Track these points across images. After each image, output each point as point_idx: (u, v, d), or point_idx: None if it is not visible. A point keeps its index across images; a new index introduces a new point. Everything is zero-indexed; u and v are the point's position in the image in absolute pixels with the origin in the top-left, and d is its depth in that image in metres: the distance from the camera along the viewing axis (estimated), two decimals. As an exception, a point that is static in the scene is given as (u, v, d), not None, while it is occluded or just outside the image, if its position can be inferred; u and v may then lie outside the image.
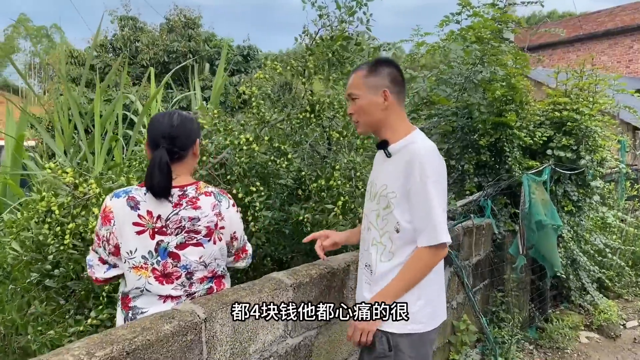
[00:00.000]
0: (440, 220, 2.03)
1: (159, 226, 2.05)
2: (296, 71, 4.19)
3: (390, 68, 2.21)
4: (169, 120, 2.12)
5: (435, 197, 2.02)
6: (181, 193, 2.09)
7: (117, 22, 16.58)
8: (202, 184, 2.22)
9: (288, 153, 3.76)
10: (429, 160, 2.04)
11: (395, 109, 2.18)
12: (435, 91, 4.67)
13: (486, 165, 5.04)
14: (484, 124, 4.63)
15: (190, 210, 2.08)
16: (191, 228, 2.08)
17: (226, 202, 2.25)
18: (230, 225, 2.25)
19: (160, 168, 2.01)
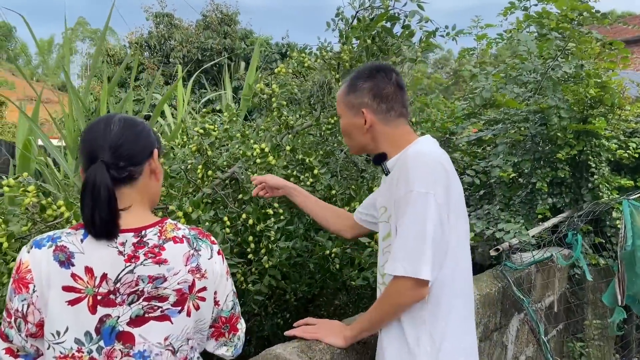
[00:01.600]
0: (422, 247, 1.58)
1: (103, 292, 1.37)
2: (329, 65, 3.44)
3: (372, 81, 1.82)
4: (105, 124, 1.47)
5: (419, 213, 1.59)
6: (137, 240, 1.42)
7: (152, 19, 16.27)
8: (169, 224, 1.50)
9: (314, 167, 3.00)
10: (417, 165, 1.64)
11: (382, 128, 1.82)
12: (502, 91, 3.80)
13: (563, 183, 4.15)
14: (564, 132, 3.73)
15: (152, 265, 1.40)
16: (153, 293, 1.40)
17: (207, 249, 1.53)
18: (214, 283, 1.51)
19: (95, 193, 1.35)
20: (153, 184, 1.52)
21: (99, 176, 1.34)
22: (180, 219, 2.58)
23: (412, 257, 1.57)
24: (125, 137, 1.42)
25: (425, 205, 1.57)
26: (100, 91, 11.93)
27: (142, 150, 1.46)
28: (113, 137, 1.41)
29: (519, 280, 3.27)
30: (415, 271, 1.56)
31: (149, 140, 1.48)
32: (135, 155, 1.43)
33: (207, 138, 3.05)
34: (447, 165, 1.69)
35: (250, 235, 2.88)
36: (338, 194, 3.12)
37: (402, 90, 1.82)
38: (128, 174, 1.42)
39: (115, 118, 1.46)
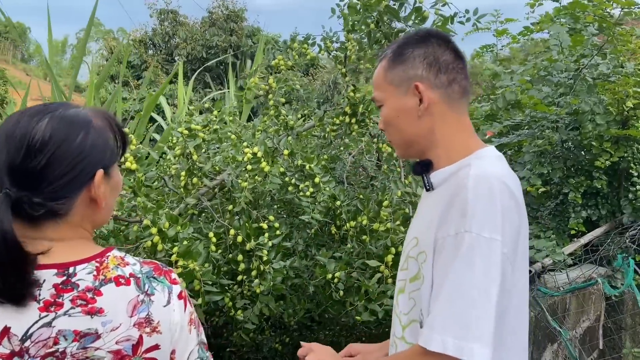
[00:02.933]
0: (481, 319, 1.08)
1: (4, 353, 0.98)
2: (334, 57, 3.04)
3: (425, 45, 1.33)
4: (26, 128, 1.02)
5: (480, 270, 1.10)
6: (61, 280, 1.02)
7: (157, 16, 15.98)
8: (112, 258, 1.10)
9: (316, 175, 2.59)
10: (481, 196, 1.15)
11: (443, 111, 1.31)
12: (528, 93, 3.37)
13: (598, 194, 3.71)
14: (600, 139, 3.30)
15: (80, 317, 1.00)
16: (80, 356, 1.00)
17: (163, 293, 1.11)
18: (171, 339, 1.09)
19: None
20: (94, 212, 1.09)
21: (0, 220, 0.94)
22: (154, 237, 2.20)
23: (464, 331, 1.09)
24: (51, 155, 0.99)
25: (489, 257, 1.11)
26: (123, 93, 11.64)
27: (77, 176, 1.02)
28: (30, 153, 0.98)
29: (553, 307, 2.85)
30: (463, 351, 1.08)
31: (94, 156, 1.04)
32: (61, 187, 1.00)
33: (193, 140, 2.65)
34: (519, 196, 1.23)
35: (240, 254, 2.49)
36: (344, 205, 2.71)
37: (463, 61, 1.35)
38: (47, 211, 1.00)
39: (44, 122, 1.01)
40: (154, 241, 2.17)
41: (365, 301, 2.21)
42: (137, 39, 15.77)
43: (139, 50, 15.07)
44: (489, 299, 1.09)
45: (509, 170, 1.28)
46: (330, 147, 3.17)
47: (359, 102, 2.81)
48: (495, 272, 1.10)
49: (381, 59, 1.39)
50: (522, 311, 1.23)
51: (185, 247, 2.16)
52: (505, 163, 1.31)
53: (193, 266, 2.15)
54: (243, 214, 2.68)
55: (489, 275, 1.10)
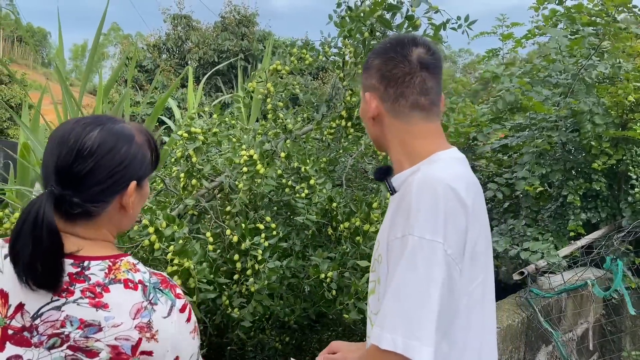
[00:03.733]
0: (425, 318, 1.12)
1: (16, 326, 1.07)
2: (332, 63, 3.10)
3: (385, 57, 1.35)
4: (75, 141, 1.12)
5: (422, 269, 1.13)
6: (77, 271, 1.10)
7: (170, 20, 16.16)
8: (125, 262, 1.18)
9: (311, 177, 2.64)
10: (423, 199, 1.18)
11: (390, 121, 1.36)
12: (528, 94, 3.39)
13: (598, 196, 3.71)
14: (599, 140, 3.30)
15: (87, 307, 1.08)
16: (82, 343, 1.07)
17: (165, 305, 1.17)
18: (166, 349, 1.16)
19: (36, 235, 1.04)
20: (121, 219, 1.18)
21: (42, 215, 1.03)
22: (151, 236, 2.27)
23: (409, 330, 1.13)
24: (95, 163, 1.09)
25: (431, 259, 1.14)
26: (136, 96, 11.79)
27: (113, 184, 1.12)
28: (78, 160, 1.08)
29: (546, 309, 2.87)
30: (410, 349, 1.12)
31: (131, 169, 1.13)
32: (99, 192, 1.10)
33: (192, 143, 2.73)
34: (466, 197, 1.23)
35: (236, 254, 2.55)
36: (340, 206, 2.76)
37: (426, 71, 1.34)
38: (83, 211, 1.10)
39: (94, 133, 1.11)
40: (151, 240, 2.24)
41: (355, 300, 2.26)
42: (151, 43, 15.98)
43: (152, 54, 15.26)
44: (431, 299, 1.11)
45: (464, 172, 1.29)
46: (328, 149, 3.22)
47: (355, 106, 2.86)
48: (437, 273, 1.12)
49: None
50: (476, 310, 1.24)
51: (181, 246, 2.23)
52: (463, 165, 1.32)
53: (188, 264, 2.22)
54: (240, 215, 2.75)
55: (431, 276, 1.12)
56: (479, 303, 1.25)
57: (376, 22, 2.45)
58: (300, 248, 2.89)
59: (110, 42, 51.79)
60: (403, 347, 1.10)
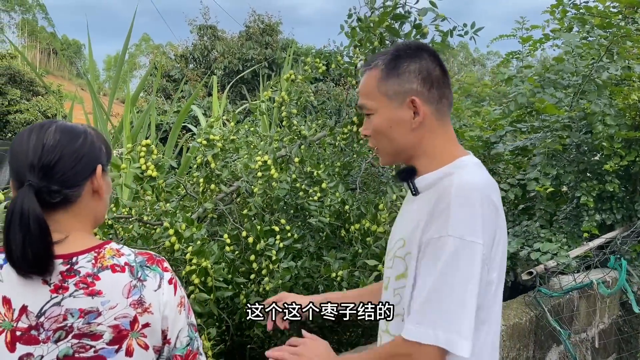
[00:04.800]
0: (462, 314, 1.20)
1: (23, 327, 1.18)
2: (344, 70, 3.21)
3: (419, 60, 1.35)
4: (38, 136, 1.26)
5: (461, 270, 1.21)
6: (66, 268, 1.22)
7: (196, 31, 16.54)
8: (109, 249, 1.30)
9: (323, 181, 2.75)
10: (461, 204, 1.24)
11: (433, 125, 1.37)
12: (540, 96, 3.42)
13: (613, 198, 3.71)
14: (611, 141, 3.32)
15: (83, 298, 1.20)
16: (85, 330, 1.20)
17: (155, 279, 1.31)
18: (163, 318, 1.28)
19: (23, 225, 1.15)
20: (95, 204, 1.31)
21: (26, 204, 1.16)
22: (171, 237, 2.42)
23: (450, 325, 1.20)
24: (61, 153, 1.22)
25: (472, 259, 1.22)
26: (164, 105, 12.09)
27: (82, 169, 1.25)
28: (45, 153, 1.21)
29: (556, 308, 2.90)
30: (452, 344, 1.19)
31: (92, 155, 1.27)
32: (71, 176, 1.23)
33: (211, 149, 2.88)
34: (497, 202, 1.32)
35: (252, 254, 2.68)
36: (353, 209, 2.86)
37: (448, 75, 1.42)
38: (63, 198, 1.22)
39: (52, 128, 1.26)
40: (171, 241, 2.39)
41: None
42: (179, 53, 16.39)
43: (180, 64, 15.64)
44: (469, 296, 1.20)
45: (488, 177, 1.36)
46: (342, 154, 3.33)
47: (365, 112, 2.96)
48: (476, 272, 1.20)
49: (370, 68, 1.41)
50: (492, 306, 1.32)
51: (199, 247, 2.36)
52: (484, 170, 1.38)
53: (206, 264, 2.35)
54: (257, 218, 2.87)
55: (471, 274, 1.20)
56: (495, 300, 1.34)
57: (385, 32, 2.55)
58: (315, 249, 2.99)
59: (142, 52, 52.98)
60: (445, 341, 1.18)
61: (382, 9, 2.62)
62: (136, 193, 2.60)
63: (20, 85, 18.14)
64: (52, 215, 1.20)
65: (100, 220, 1.38)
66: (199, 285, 2.32)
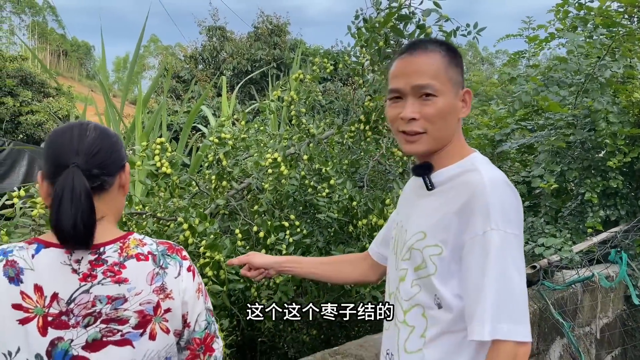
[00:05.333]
0: (520, 301, 1.27)
1: (54, 313, 1.26)
2: (351, 70, 3.29)
3: (461, 58, 1.44)
4: (80, 130, 1.37)
5: (512, 262, 1.27)
6: (94, 257, 1.31)
7: (205, 32, 16.70)
8: (133, 240, 1.40)
9: (331, 178, 2.84)
10: (502, 201, 1.29)
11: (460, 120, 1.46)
12: (544, 94, 3.49)
13: (617, 194, 3.75)
14: (614, 138, 3.38)
15: (111, 285, 1.29)
16: (112, 315, 1.29)
17: (175, 267, 1.41)
18: (183, 304, 1.38)
19: (75, 199, 1.25)
20: (120, 199, 1.42)
21: (77, 181, 1.25)
22: (185, 231, 2.51)
23: (513, 317, 1.25)
24: (101, 145, 1.34)
25: (517, 250, 1.28)
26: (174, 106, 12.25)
27: (116, 161, 1.37)
28: (89, 143, 1.32)
29: (560, 302, 2.96)
30: (519, 334, 1.25)
31: (122, 153, 1.40)
32: (109, 165, 1.34)
33: (222, 147, 2.97)
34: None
35: (263, 249, 2.77)
36: (361, 204, 2.94)
37: None
38: (100, 184, 1.32)
39: (91, 125, 1.39)
40: (185, 235, 2.48)
41: (370, 289, 2.44)
42: (188, 54, 16.54)
43: (189, 65, 15.79)
44: (523, 285, 1.27)
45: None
46: (349, 152, 3.41)
47: (372, 111, 3.04)
48: (522, 262, 1.28)
49: (425, 49, 1.40)
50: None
51: (212, 241, 2.46)
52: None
53: (218, 257, 2.45)
54: (267, 213, 2.96)
55: (520, 265, 1.28)
56: None
57: (390, 32, 2.63)
58: (324, 244, 3.08)
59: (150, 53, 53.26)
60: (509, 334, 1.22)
61: (387, 10, 2.70)
62: (150, 190, 2.69)
63: (31, 86, 18.35)
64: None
65: (119, 215, 1.48)
66: (212, 278, 2.41)
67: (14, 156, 11.26)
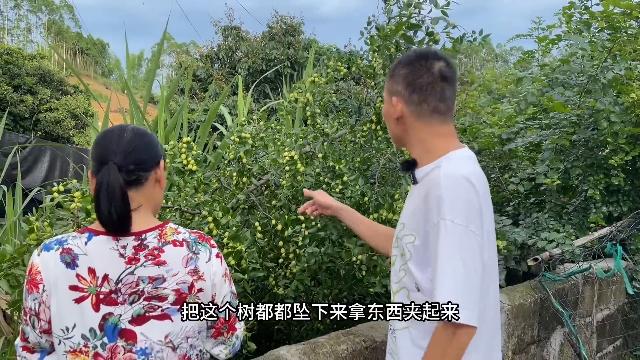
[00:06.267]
0: (457, 286, 1.42)
1: (105, 291, 1.48)
2: (363, 72, 3.47)
3: (411, 67, 1.62)
4: (119, 132, 1.58)
5: (453, 250, 1.43)
6: (137, 243, 1.52)
7: (221, 32, 16.95)
8: (169, 228, 1.60)
9: (344, 174, 3.03)
10: (449, 193, 1.47)
11: (412, 122, 1.64)
12: (549, 95, 3.64)
13: (620, 191, 3.90)
14: (615, 136, 3.53)
15: (151, 267, 1.50)
16: (153, 293, 1.50)
17: (206, 253, 1.61)
18: (212, 285, 1.59)
19: (109, 192, 1.45)
20: (157, 192, 1.62)
21: (112, 176, 1.45)
22: (210, 224, 2.72)
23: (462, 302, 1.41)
24: (136, 144, 1.53)
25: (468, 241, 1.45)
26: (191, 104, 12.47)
27: (151, 158, 1.57)
28: (125, 143, 1.52)
29: (561, 292, 3.12)
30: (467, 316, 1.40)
31: (157, 150, 1.59)
32: (144, 161, 1.53)
33: (243, 146, 3.17)
34: (480, 187, 1.52)
35: (280, 241, 2.97)
36: (372, 200, 3.13)
37: (445, 82, 1.60)
38: (136, 178, 1.52)
39: (129, 127, 1.59)
40: (209, 227, 2.69)
41: (380, 277, 2.63)
42: (204, 54, 16.81)
43: (205, 64, 16.04)
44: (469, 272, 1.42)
45: (475, 168, 1.59)
46: (361, 150, 3.59)
47: (383, 111, 3.22)
48: (469, 251, 1.44)
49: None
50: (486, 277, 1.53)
51: (234, 232, 2.66)
52: (473, 162, 1.62)
53: (240, 247, 2.65)
54: (284, 208, 3.16)
55: (466, 254, 1.43)
56: (489, 273, 1.56)
57: (400, 39, 2.82)
58: (337, 237, 3.27)
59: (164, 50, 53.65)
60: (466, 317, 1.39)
61: (398, 17, 2.88)
62: (177, 185, 2.90)
63: (50, 84, 18.73)
64: (127, 190, 1.48)
65: (158, 207, 1.68)
66: (234, 266, 2.62)
67: (36, 152, 11.64)
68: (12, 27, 67.75)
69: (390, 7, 2.76)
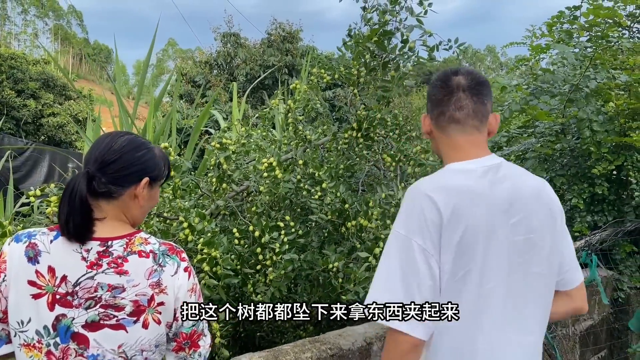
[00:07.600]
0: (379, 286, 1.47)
1: (62, 292, 1.45)
2: (346, 80, 3.46)
3: (431, 86, 1.69)
4: (110, 140, 1.56)
5: (393, 255, 1.47)
6: (102, 249, 1.50)
7: (220, 38, 17.01)
8: (138, 238, 1.57)
9: (323, 181, 3.02)
10: (404, 206, 1.53)
11: (439, 135, 1.68)
12: (532, 104, 3.62)
13: (604, 200, 3.86)
14: (598, 146, 3.50)
15: (113, 275, 1.47)
16: (111, 302, 1.47)
17: (173, 266, 1.57)
18: (176, 299, 1.55)
19: (71, 200, 1.44)
20: (134, 206, 1.57)
21: (79, 185, 1.44)
22: (185, 230, 2.71)
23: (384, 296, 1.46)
24: (120, 157, 1.50)
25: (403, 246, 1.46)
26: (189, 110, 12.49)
27: (131, 174, 1.53)
28: (110, 152, 1.50)
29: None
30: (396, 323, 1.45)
31: (144, 167, 1.54)
32: (120, 177, 1.50)
33: (224, 152, 3.16)
34: (446, 203, 1.46)
35: (258, 247, 2.95)
36: (353, 207, 3.11)
37: (462, 92, 1.61)
38: (107, 191, 1.49)
39: (124, 137, 1.55)
40: (185, 233, 2.68)
41: (354, 285, 2.61)
42: (203, 60, 16.84)
43: (203, 70, 16.08)
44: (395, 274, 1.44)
45: (454, 182, 1.50)
46: (344, 157, 3.58)
47: (364, 119, 3.21)
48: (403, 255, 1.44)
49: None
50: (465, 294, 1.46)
51: (209, 238, 2.65)
52: (463, 176, 1.53)
53: (215, 254, 2.63)
54: (264, 214, 3.15)
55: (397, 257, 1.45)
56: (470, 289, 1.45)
57: (374, 46, 2.81)
58: (318, 244, 3.25)
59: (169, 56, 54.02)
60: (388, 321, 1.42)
61: (377, 25, 2.87)
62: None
63: (53, 89, 18.78)
64: (96, 201, 1.47)
65: (137, 220, 1.62)
66: (208, 272, 2.60)
67: (35, 157, 11.67)
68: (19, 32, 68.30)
69: (367, 15, 2.75)
